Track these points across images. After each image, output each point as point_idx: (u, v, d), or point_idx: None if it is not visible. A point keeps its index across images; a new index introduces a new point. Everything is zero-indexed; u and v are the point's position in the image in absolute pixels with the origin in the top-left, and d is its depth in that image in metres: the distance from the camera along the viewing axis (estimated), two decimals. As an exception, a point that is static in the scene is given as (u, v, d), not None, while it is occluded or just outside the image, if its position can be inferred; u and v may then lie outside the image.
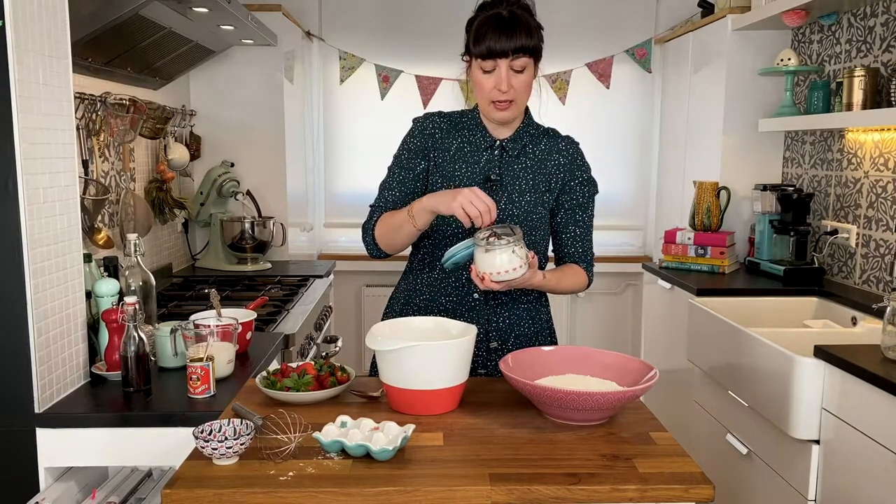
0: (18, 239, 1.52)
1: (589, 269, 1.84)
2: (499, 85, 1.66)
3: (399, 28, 4.08)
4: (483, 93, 1.70)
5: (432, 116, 1.83)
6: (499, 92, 1.66)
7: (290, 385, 1.49)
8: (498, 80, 1.65)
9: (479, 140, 1.78)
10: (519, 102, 1.70)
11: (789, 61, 3.05)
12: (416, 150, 1.79)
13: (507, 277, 1.55)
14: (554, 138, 1.82)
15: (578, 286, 1.82)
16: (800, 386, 2.08)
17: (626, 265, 4.21)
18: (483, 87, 1.69)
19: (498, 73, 1.65)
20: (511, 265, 1.54)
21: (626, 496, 1.16)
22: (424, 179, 1.80)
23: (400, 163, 1.81)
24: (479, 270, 1.57)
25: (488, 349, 1.79)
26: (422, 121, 1.83)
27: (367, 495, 1.14)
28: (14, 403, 1.56)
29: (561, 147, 1.81)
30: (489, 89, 1.67)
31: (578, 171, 1.81)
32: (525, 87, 1.69)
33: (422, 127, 1.81)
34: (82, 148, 2.35)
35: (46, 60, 1.60)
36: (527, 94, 1.71)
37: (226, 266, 3.32)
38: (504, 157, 1.77)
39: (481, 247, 1.55)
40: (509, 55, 1.63)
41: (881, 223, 2.69)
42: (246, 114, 3.49)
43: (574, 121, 3.95)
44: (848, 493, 1.97)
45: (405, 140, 1.83)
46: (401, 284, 1.91)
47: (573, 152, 1.82)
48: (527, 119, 1.81)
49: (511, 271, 1.54)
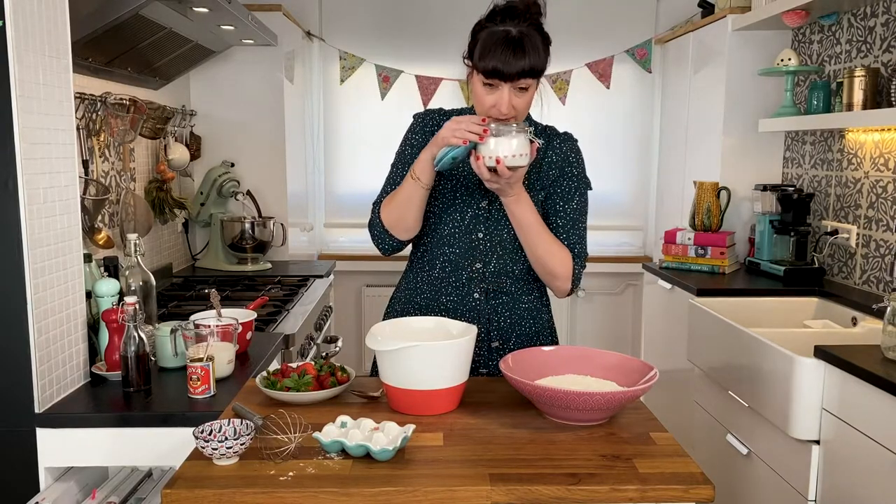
0: (18, 239, 1.52)
1: (576, 260, 1.74)
2: (499, 105, 1.61)
3: (399, 28, 4.08)
4: (482, 106, 1.65)
5: (432, 113, 1.82)
6: (498, 111, 1.62)
7: (290, 385, 1.49)
8: (499, 100, 1.61)
9: None
10: (519, 119, 1.67)
11: (789, 61, 3.05)
12: (418, 146, 1.77)
13: (520, 162, 1.54)
14: (551, 136, 1.81)
15: (559, 261, 1.70)
16: (800, 386, 2.08)
17: (626, 265, 4.21)
18: (483, 102, 1.64)
19: (500, 93, 1.61)
20: (525, 149, 1.55)
21: (626, 496, 1.16)
22: None
23: (403, 158, 1.80)
24: (492, 155, 1.54)
25: (489, 349, 1.79)
26: (422, 117, 1.82)
27: (367, 495, 1.14)
28: (14, 403, 1.56)
29: (556, 144, 1.80)
30: (489, 105, 1.63)
31: (569, 167, 1.78)
32: (526, 106, 1.65)
33: (423, 123, 1.81)
34: (82, 148, 2.35)
35: (46, 60, 1.60)
36: (527, 110, 1.68)
37: (226, 266, 3.32)
38: None
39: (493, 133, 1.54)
40: (515, 79, 1.59)
41: (881, 223, 2.69)
42: (246, 114, 3.49)
43: (574, 121, 3.96)
44: (848, 493, 1.97)
45: (406, 136, 1.83)
46: (401, 284, 1.91)
47: (567, 149, 1.79)
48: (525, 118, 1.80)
49: (525, 156, 1.55)
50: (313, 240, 4.17)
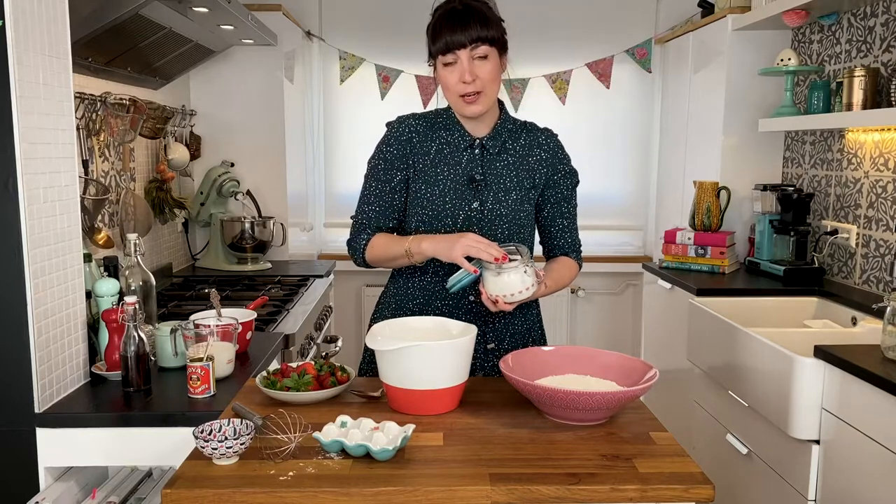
0: (18, 239, 1.52)
1: (578, 257, 1.87)
2: (462, 76, 1.64)
3: (399, 28, 4.08)
4: (450, 88, 1.68)
5: (407, 120, 1.79)
6: (464, 84, 1.64)
7: (290, 385, 1.49)
8: (461, 71, 1.64)
9: (458, 140, 1.75)
10: (488, 93, 1.67)
11: (789, 61, 3.05)
12: (392, 160, 1.76)
13: (520, 297, 1.56)
14: (533, 132, 1.81)
15: (573, 278, 1.85)
16: (800, 386, 2.08)
17: (626, 265, 4.21)
18: (448, 83, 1.67)
19: (460, 64, 1.64)
20: (524, 285, 1.55)
21: (626, 496, 1.16)
22: (404, 189, 1.77)
23: (376, 175, 1.79)
24: (490, 293, 1.56)
25: (485, 350, 1.78)
26: (397, 126, 1.79)
27: (367, 495, 1.14)
28: (14, 403, 1.56)
29: (542, 141, 1.80)
30: (454, 83, 1.66)
31: (560, 165, 1.80)
32: (491, 77, 1.66)
33: (398, 133, 1.77)
34: (82, 148, 2.35)
35: (46, 60, 1.60)
36: (495, 84, 1.68)
37: (226, 266, 3.32)
38: (485, 156, 1.75)
39: (492, 270, 1.55)
40: (467, 45, 1.62)
41: (881, 223, 2.69)
42: (246, 114, 3.49)
43: (574, 121, 3.94)
44: (848, 493, 1.97)
45: (380, 148, 1.79)
46: (389, 288, 1.88)
47: (553, 145, 1.81)
48: (503, 115, 1.79)
49: (524, 291, 1.55)
50: (313, 240, 4.17)
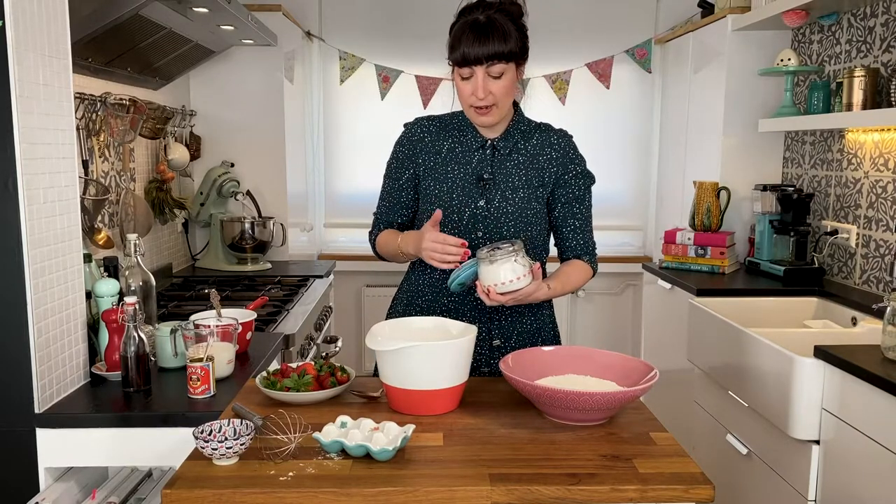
0: (18, 239, 1.52)
1: (592, 260, 1.84)
2: (475, 92, 1.66)
3: (399, 28, 4.08)
4: (464, 98, 1.71)
5: (422, 121, 1.85)
6: (476, 98, 1.67)
7: (290, 385, 1.49)
8: (475, 86, 1.66)
9: (470, 140, 1.79)
10: (500, 107, 1.70)
11: (789, 61, 3.05)
12: (402, 159, 1.83)
13: (511, 288, 1.56)
14: (546, 132, 1.82)
15: (584, 281, 1.82)
16: (800, 386, 2.08)
17: (626, 265, 4.21)
18: (462, 93, 1.70)
19: (475, 80, 1.66)
20: (514, 274, 1.55)
21: (626, 496, 1.16)
22: (413, 187, 1.83)
23: (389, 173, 1.86)
24: (483, 285, 1.58)
25: (491, 347, 1.79)
26: (411, 126, 1.85)
27: (367, 495, 1.14)
28: (14, 403, 1.56)
29: (553, 141, 1.81)
30: (468, 95, 1.69)
31: (572, 164, 1.80)
32: (505, 92, 1.68)
33: (410, 133, 1.84)
34: (82, 148, 2.35)
35: (46, 60, 1.60)
36: (508, 98, 1.71)
37: (226, 266, 3.31)
38: (496, 156, 1.78)
39: (484, 259, 1.57)
40: (483, 62, 1.64)
41: (881, 223, 2.69)
42: (246, 114, 3.49)
43: (574, 121, 3.94)
44: (848, 493, 1.97)
45: (394, 148, 1.86)
46: (402, 285, 1.92)
47: (565, 145, 1.81)
48: (517, 117, 1.81)
49: (515, 281, 1.56)
50: (313, 240, 4.17)
